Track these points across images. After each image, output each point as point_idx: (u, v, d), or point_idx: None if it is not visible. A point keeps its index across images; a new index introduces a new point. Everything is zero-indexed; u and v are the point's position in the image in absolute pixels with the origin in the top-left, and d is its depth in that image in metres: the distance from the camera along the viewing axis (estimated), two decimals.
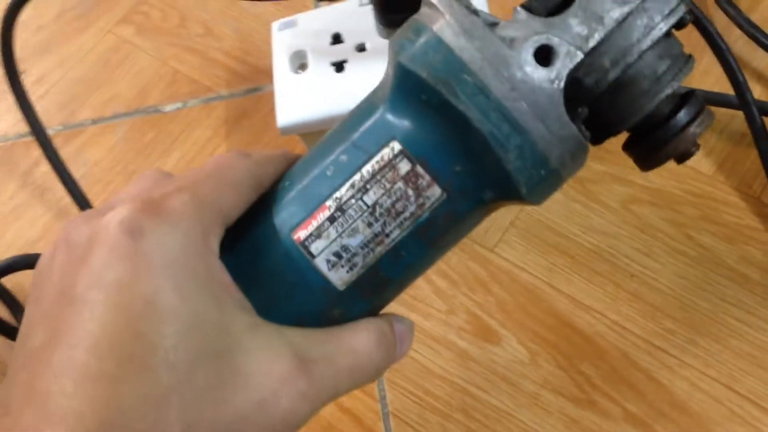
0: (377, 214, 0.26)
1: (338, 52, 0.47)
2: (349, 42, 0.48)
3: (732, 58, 0.43)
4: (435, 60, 0.24)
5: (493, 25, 0.25)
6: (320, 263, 0.26)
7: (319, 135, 0.29)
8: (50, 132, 0.52)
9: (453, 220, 0.26)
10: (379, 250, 0.26)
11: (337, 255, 0.26)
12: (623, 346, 0.43)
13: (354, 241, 0.26)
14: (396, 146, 0.25)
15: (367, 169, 0.26)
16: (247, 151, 0.28)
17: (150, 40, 0.59)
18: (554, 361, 0.43)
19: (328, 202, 0.26)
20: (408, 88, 0.25)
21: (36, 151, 0.52)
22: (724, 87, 0.47)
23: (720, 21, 0.51)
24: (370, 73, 0.46)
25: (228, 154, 0.27)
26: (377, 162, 0.26)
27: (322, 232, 0.26)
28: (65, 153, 0.53)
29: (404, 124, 0.26)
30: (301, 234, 0.26)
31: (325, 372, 0.25)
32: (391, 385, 0.44)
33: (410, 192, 0.25)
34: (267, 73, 0.55)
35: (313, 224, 0.26)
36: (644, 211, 0.47)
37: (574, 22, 0.25)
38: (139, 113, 0.57)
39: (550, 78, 0.24)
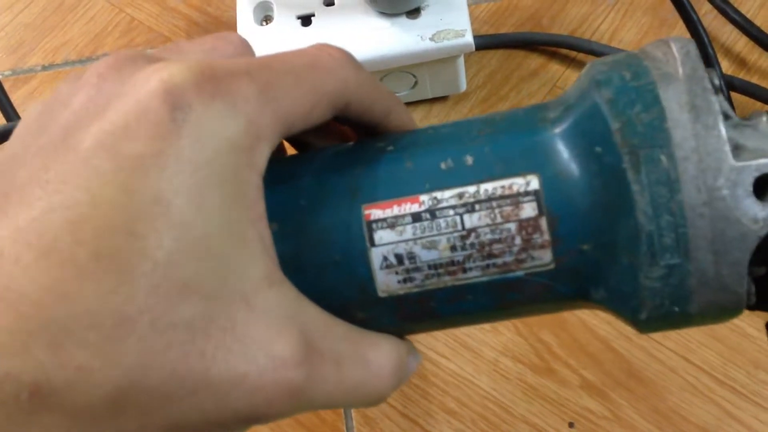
0: (468, 242, 0.21)
1: (305, 5, 0.46)
2: None
3: (703, 31, 0.43)
4: (639, 117, 0.19)
5: (726, 116, 0.20)
6: (375, 256, 0.21)
7: None
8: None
9: (543, 296, 0.21)
10: (446, 279, 0.21)
11: (399, 259, 0.21)
12: (583, 315, 0.43)
13: (426, 255, 0.21)
14: (533, 183, 0.20)
15: (487, 187, 0.21)
16: (356, 60, 0.22)
17: None
18: (515, 329, 0.43)
19: (424, 197, 0.21)
20: (587, 130, 0.20)
21: None
22: None
23: None
24: (337, 29, 0.45)
25: (334, 52, 0.22)
26: (502, 187, 0.20)
27: (398, 225, 0.21)
28: (14, 99, 0.50)
29: (557, 164, 0.20)
30: (373, 213, 0.21)
31: (328, 374, 0.21)
32: None
33: (518, 241, 0.20)
34: (229, 25, 0.53)
35: (394, 210, 0.21)
36: None
37: None
38: (92, 61, 0.54)
39: (757, 217, 0.19)
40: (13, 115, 0.49)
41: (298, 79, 0.21)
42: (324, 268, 0.21)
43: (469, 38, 0.44)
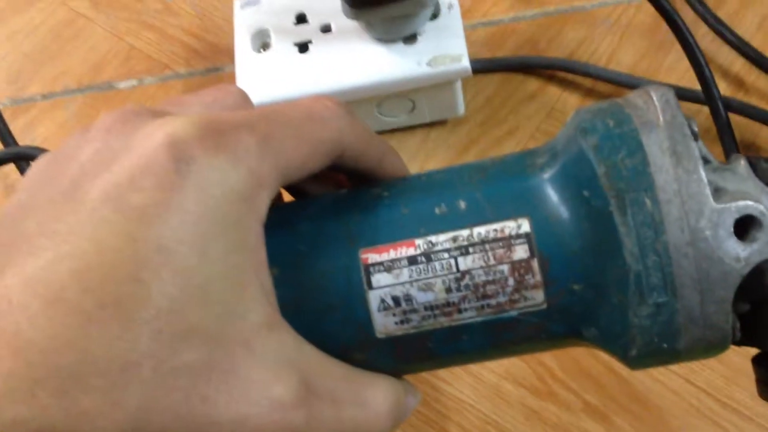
0: (463, 284, 0.21)
1: (302, 33, 0.46)
2: (314, 22, 0.46)
3: (700, 53, 0.43)
4: (623, 162, 0.20)
5: (706, 161, 0.21)
6: (373, 299, 0.22)
7: None
8: None
9: (537, 335, 0.22)
10: (442, 320, 0.22)
11: (396, 301, 0.22)
12: None
13: (422, 297, 0.22)
14: (524, 226, 0.21)
15: (480, 231, 0.21)
16: (351, 109, 0.24)
17: (105, 13, 0.57)
18: None
19: (419, 241, 0.22)
20: (574, 175, 0.21)
21: None
22: (690, 82, 0.47)
23: (687, 17, 0.51)
24: (334, 55, 0.45)
25: (329, 103, 0.23)
26: (495, 230, 0.21)
27: (394, 268, 0.22)
28: (14, 128, 0.50)
29: (547, 207, 0.21)
30: (371, 257, 0.22)
31: (326, 414, 0.21)
32: None
33: (510, 282, 0.21)
34: (227, 53, 0.54)
35: (390, 254, 0.22)
36: None
37: None
38: (91, 89, 0.54)
39: (739, 256, 0.20)
40: (12, 145, 0.49)
41: (296, 130, 0.22)
42: (323, 312, 0.22)
43: (465, 63, 0.44)
